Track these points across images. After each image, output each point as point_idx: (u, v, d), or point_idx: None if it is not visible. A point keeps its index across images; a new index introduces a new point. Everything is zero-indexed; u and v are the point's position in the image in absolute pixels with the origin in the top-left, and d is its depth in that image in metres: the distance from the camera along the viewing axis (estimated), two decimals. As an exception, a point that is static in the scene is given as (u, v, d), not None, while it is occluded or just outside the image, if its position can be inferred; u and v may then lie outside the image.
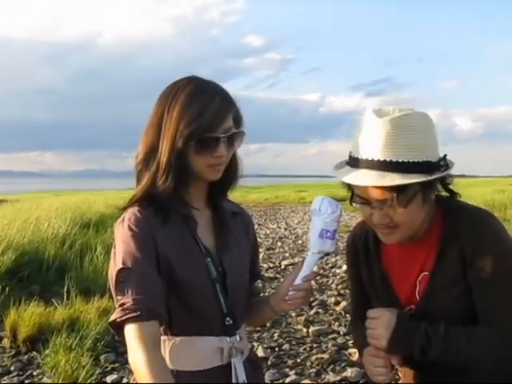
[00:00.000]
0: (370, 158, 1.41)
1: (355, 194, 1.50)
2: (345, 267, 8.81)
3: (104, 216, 13.11)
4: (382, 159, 1.39)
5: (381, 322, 1.50)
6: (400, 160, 1.38)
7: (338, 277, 8.39)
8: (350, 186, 1.52)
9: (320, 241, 1.57)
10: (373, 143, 1.41)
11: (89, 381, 4.11)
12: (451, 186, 1.55)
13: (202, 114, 1.43)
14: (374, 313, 1.55)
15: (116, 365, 4.70)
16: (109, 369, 4.62)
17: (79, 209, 13.51)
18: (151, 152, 1.49)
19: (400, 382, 1.80)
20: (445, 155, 1.46)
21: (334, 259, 9.79)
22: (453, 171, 1.49)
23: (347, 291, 7.41)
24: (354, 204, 1.53)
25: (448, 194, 1.56)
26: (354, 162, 1.47)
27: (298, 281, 1.59)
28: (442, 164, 1.44)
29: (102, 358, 4.75)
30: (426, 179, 1.39)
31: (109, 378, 4.40)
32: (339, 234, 1.59)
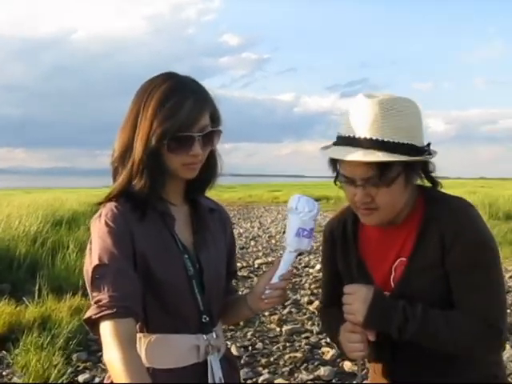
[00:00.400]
0: (357, 136, 1.45)
1: (340, 173, 1.53)
2: (318, 267, 8.86)
3: (77, 213, 12.95)
4: (368, 137, 1.43)
5: (357, 297, 1.52)
6: (386, 139, 1.42)
7: (311, 276, 8.44)
8: (335, 166, 1.55)
9: (297, 239, 1.57)
10: (360, 122, 1.46)
11: (60, 380, 4.06)
12: (434, 175, 1.58)
13: (176, 112, 1.42)
14: (351, 288, 1.56)
15: (88, 364, 4.65)
16: (81, 368, 4.57)
17: (51, 206, 13.32)
18: (127, 149, 1.48)
19: (369, 378, 1.81)
20: (429, 143, 1.51)
21: (307, 259, 9.83)
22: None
23: (320, 290, 7.46)
24: (337, 183, 1.55)
25: (430, 183, 1.59)
26: (341, 141, 1.51)
27: (274, 279, 1.59)
28: (426, 149, 1.49)
29: (74, 356, 4.70)
30: (409, 159, 1.43)
31: (81, 378, 4.34)
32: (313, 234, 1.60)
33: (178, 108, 1.42)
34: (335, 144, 1.54)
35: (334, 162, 1.56)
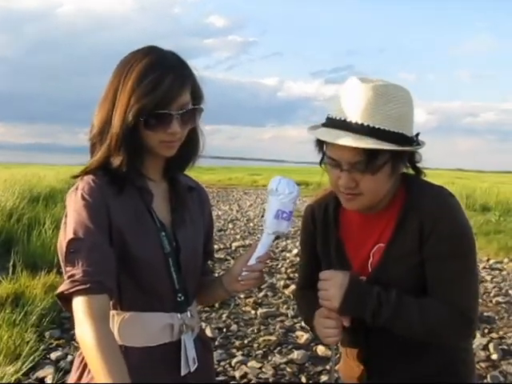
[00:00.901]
0: (348, 120, 1.44)
1: (326, 155, 1.51)
2: (295, 251, 8.91)
3: (54, 190, 12.80)
4: (359, 122, 1.42)
5: (333, 283, 1.52)
6: (377, 126, 1.41)
7: (287, 260, 8.47)
8: (321, 147, 1.54)
9: (276, 221, 1.56)
10: (353, 107, 1.44)
11: (32, 357, 4.03)
12: (418, 165, 1.58)
13: (154, 88, 1.38)
14: (327, 274, 1.56)
15: (61, 341, 4.63)
16: (54, 345, 4.54)
17: (29, 182, 13.15)
18: (105, 124, 1.44)
19: (341, 361, 1.82)
20: (417, 133, 1.50)
21: (284, 243, 9.86)
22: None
23: (296, 275, 7.50)
24: (322, 166, 1.54)
25: (415, 173, 1.60)
26: (330, 123, 1.49)
27: (251, 261, 1.59)
28: (415, 140, 1.48)
29: (47, 334, 4.67)
30: (398, 149, 1.42)
31: (53, 355, 4.31)
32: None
33: (157, 84, 1.39)
34: (324, 125, 1.52)
35: (320, 144, 1.54)
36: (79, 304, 1.30)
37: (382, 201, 1.56)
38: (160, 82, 1.39)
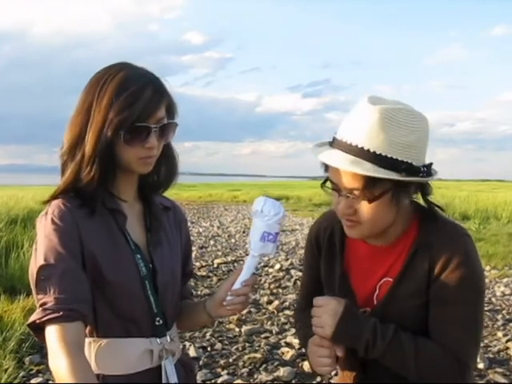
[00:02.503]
0: (348, 142, 1.36)
1: (329, 178, 1.45)
2: (278, 266, 8.87)
3: (32, 212, 12.61)
4: (360, 146, 1.34)
5: (327, 310, 1.46)
6: (378, 152, 1.33)
7: (270, 276, 8.42)
8: (326, 168, 1.46)
9: (261, 244, 1.50)
10: (356, 128, 1.36)
11: (11, 384, 3.92)
12: (431, 198, 1.49)
13: (133, 102, 1.35)
14: (321, 300, 1.49)
15: (41, 367, 4.50)
16: (34, 371, 4.42)
17: (5, 204, 12.98)
18: (77, 142, 1.40)
19: (338, 375, 1.78)
20: (430, 163, 1.40)
21: (266, 258, 9.81)
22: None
23: (280, 290, 7.47)
24: (324, 188, 1.47)
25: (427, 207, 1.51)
26: (334, 143, 1.42)
27: (236, 285, 1.53)
28: (423, 170, 1.38)
29: (27, 360, 4.54)
30: (399, 179, 1.34)
31: (33, 381, 4.19)
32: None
33: (136, 98, 1.35)
34: (330, 144, 1.44)
35: (325, 164, 1.46)
36: (52, 333, 1.25)
37: (391, 233, 1.49)
38: (139, 96, 1.36)
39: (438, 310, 1.44)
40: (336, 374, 1.71)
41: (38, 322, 1.26)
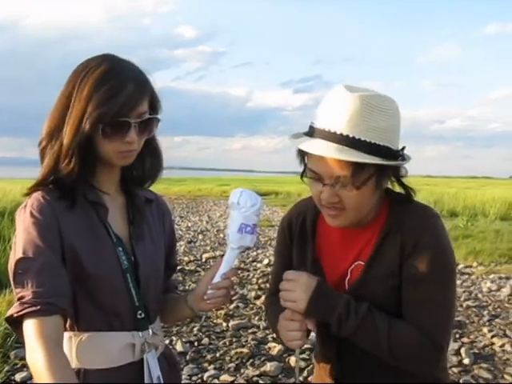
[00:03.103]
0: (332, 130, 1.36)
1: (308, 168, 1.44)
2: (266, 261, 8.87)
3: (20, 205, 12.54)
4: (344, 134, 1.34)
5: (299, 284, 1.45)
6: (362, 138, 1.33)
7: (258, 271, 8.42)
8: (303, 158, 1.46)
9: (239, 236, 1.50)
10: (338, 116, 1.36)
11: (-4, 379, 3.90)
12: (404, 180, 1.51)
13: (114, 96, 1.33)
14: (292, 274, 1.48)
15: (26, 361, 4.48)
16: (19, 366, 4.39)
17: (-7, 197, 12.89)
18: (55, 131, 1.38)
19: (314, 374, 1.77)
20: (403, 147, 1.43)
21: (254, 253, 9.81)
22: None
23: (268, 285, 7.46)
24: (304, 179, 1.47)
25: (402, 189, 1.53)
26: (313, 132, 1.41)
27: (216, 278, 1.52)
28: (401, 154, 1.41)
29: (12, 354, 4.50)
30: (384, 163, 1.35)
31: (18, 376, 4.17)
32: (261, 229, 1.53)
33: (117, 91, 1.33)
34: (306, 134, 1.44)
35: (302, 155, 1.47)
36: (30, 327, 1.23)
37: (365, 217, 1.50)
38: (120, 89, 1.34)
39: (411, 290, 1.44)
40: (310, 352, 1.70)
41: (15, 315, 1.25)
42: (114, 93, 1.33)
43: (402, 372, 1.48)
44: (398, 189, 1.54)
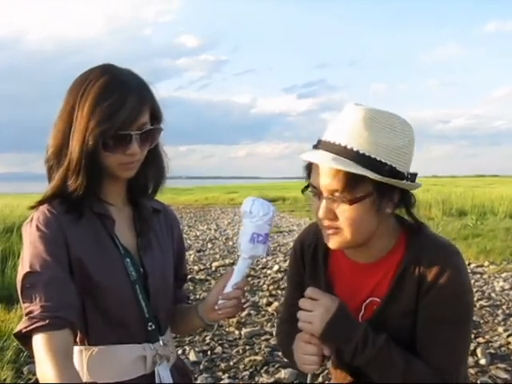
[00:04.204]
0: (331, 141, 1.34)
1: (310, 184, 1.42)
2: (276, 267, 8.83)
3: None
4: (342, 144, 1.32)
5: (320, 304, 1.40)
6: (361, 151, 1.30)
7: (269, 277, 8.38)
8: (309, 174, 1.43)
9: (251, 245, 1.47)
10: (340, 128, 1.34)
11: (9, 395, 3.88)
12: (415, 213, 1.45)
13: (116, 111, 1.32)
14: (314, 293, 1.43)
15: (40, 376, 4.47)
16: (33, 381, 4.36)
17: (1, 212, 12.92)
18: (62, 147, 1.37)
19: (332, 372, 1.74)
20: (415, 173, 1.37)
21: (264, 260, 9.77)
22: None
23: (279, 292, 7.43)
24: (305, 194, 1.44)
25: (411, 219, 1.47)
26: (317, 145, 1.39)
27: (228, 288, 1.50)
28: (407, 176, 1.35)
29: (25, 369, 4.48)
30: (380, 179, 1.30)
31: (32, 391, 4.16)
32: (270, 236, 1.50)
33: (118, 107, 1.32)
34: (314, 147, 1.41)
35: (308, 170, 1.44)
36: (39, 342, 1.22)
37: (375, 248, 1.45)
38: (121, 105, 1.33)
39: (428, 328, 1.40)
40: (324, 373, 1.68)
41: (24, 331, 1.23)
42: (115, 109, 1.32)
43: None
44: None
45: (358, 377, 1.54)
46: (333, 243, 1.42)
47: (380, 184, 1.31)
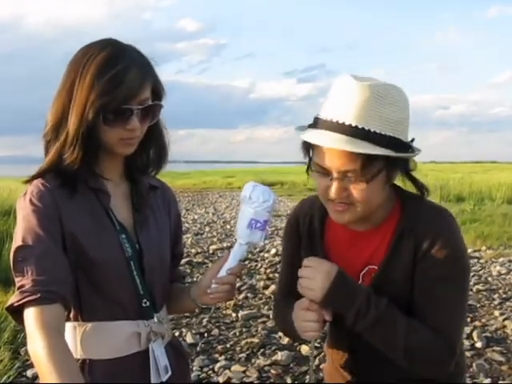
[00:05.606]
0: (340, 121, 1.30)
1: (314, 162, 1.38)
2: (274, 251, 8.84)
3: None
4: (353, 124, 1.28)
5: (320, 271, 1.38)
6: (372, 129, 1.28)
7: (266, 261, 8.39)
8: (308, 152, 1.40)
9: (249, 231, 1.44)
10: (346, 107, 1.30)
11: (6, 376, 3.88)
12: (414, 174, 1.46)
13: (117, 84, 1.30)
14: (312, 261, 1.42)
15: (37, 357, 4.47)
16: (29, 362, 4.38)
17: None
18: (61, 120, 1.35)
19: (327, 363, 1.74)
20: (412, 139, 1.38)
21: (262, 243, 9.77)
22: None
23: (276, 275, 7.44)
24: (310, 173, 1.41)
25: (411, 183, 1.47)
26: (320, 124, 1.35)
27: (222, 273, 1.47)
28: (411, 146, 1.36)
29: (22, 350, 4.49)
30: (396, 155, 1.29)
31: (29, 372, 4.15)
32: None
33: (119, 80, 1.30)
34: (312, 127, 1.37)
35: (307, 147, 1.40)
36: (30, 316, 1.20)
37: (373, 217, 1.44)
38: (122, 78, 1.30)
39: (425, 290, 1.40)
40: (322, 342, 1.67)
41: (15, 305, 1.22)
42: (116, 82, 1.30)
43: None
44: (408, 186, 1.49)
45: (354, 353, 1.54)
46: (342, 218, 1.41)
47: (391, 157, 1.30)
